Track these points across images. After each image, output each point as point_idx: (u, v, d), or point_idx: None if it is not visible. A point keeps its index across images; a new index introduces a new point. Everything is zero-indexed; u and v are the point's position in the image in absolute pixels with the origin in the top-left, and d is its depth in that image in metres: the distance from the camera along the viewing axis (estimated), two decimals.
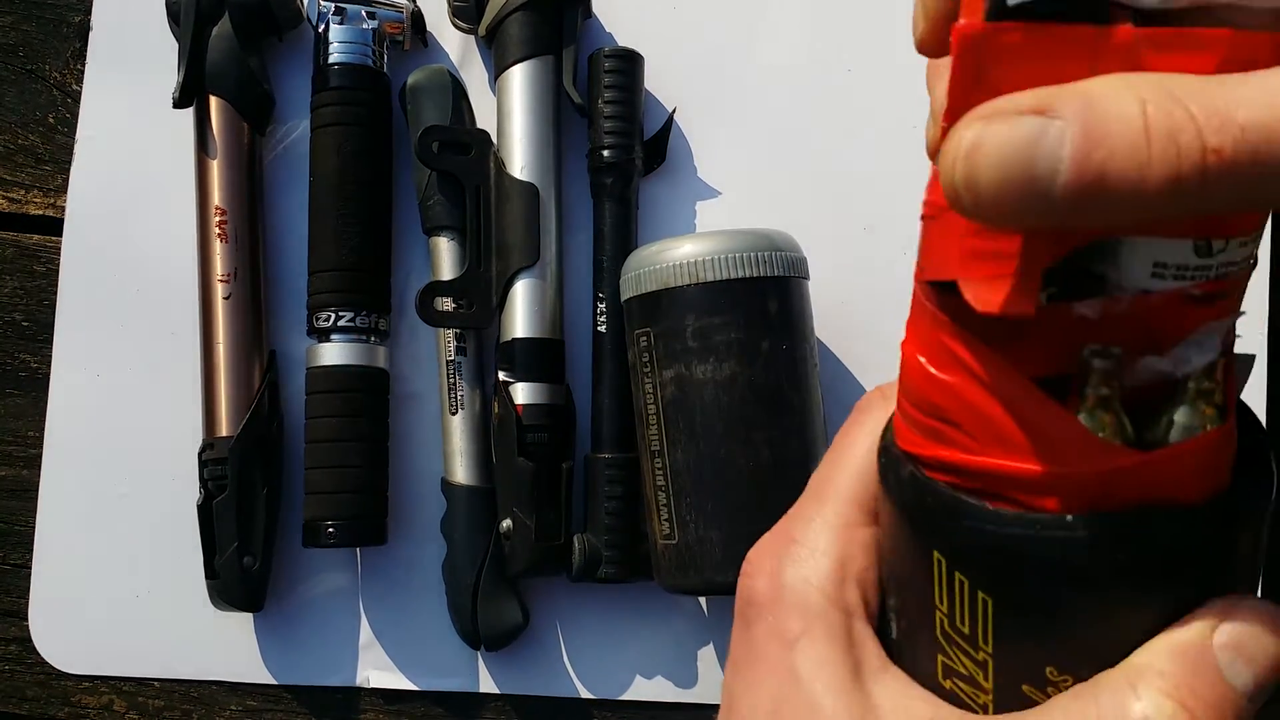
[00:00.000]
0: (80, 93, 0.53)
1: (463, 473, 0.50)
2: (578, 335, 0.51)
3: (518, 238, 0.49)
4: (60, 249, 0.53)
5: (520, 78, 0.50)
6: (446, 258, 0.50)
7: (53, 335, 0.52)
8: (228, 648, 0.51)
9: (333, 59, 0.50)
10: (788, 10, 0.53)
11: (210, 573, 0.49)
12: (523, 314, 0.49)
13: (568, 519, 0.49)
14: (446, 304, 0.49)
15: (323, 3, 0.50)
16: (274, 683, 0.51)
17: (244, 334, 0.50)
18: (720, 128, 0.53)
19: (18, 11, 0.54)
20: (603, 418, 0.49)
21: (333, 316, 0.49)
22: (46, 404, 0.52)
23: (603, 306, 0.50)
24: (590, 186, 0.51)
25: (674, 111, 0.52)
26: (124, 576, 0.51)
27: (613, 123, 0.50)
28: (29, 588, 0.51)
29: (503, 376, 0.49)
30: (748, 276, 0.44)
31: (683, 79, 0.53)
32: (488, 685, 0.51)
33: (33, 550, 0.51)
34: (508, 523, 0.48)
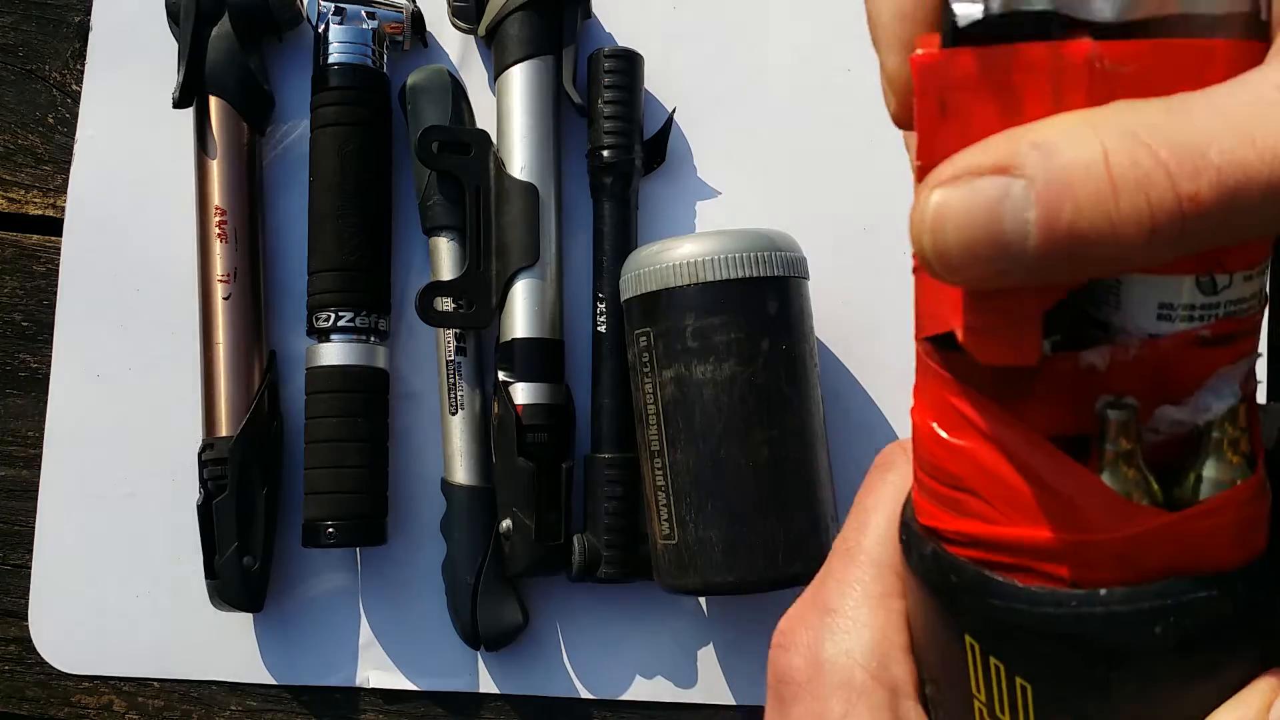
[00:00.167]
0: (80, 93, 0.53)
1: (463, 473, 0.50)
2: (578, 335, 0.51)
3: (518, 238, 0.49)
4: (60, 249, 0.53)
5: (520, 78, 0.50)
6: (446, 258, 0.50)
7: (53, 335, 0.52)
8: (228, 648, 0.51)
9: (333, 59, 0.50)
10: (788, 10, 0.53)
11: (210, 573, 0.49)
12: (523, 314, 0.49)
13: (568, 519, 0.49)
14: (446, 304, 0.49)
15: (323, 3, 0.50)
16: (274, 683, 0.51)
17: (244, 334, 0.50)
18: (720, 128, 0.53)
19: (18, 11, 0.54)
20: (602, 418, 0.49)
21: (332, 316, 0.49)
22: (46, 404, 0.52)
23: (603, 307, 0.50)
24: (590, 186, 0.51)
25: (674, 111, 0.52)
26: (124, 576, 0.51)
27: (613, 123, 0.50)
28: (29, 588, 0.51)
29: (503, 376, 0.49)
30: (747, 276, 0.44)
31: (683, 79, 0.53)
32: (488, 685, 0.51)
33: (33, 550, 0.51)
34: (508, 523, 0.48)
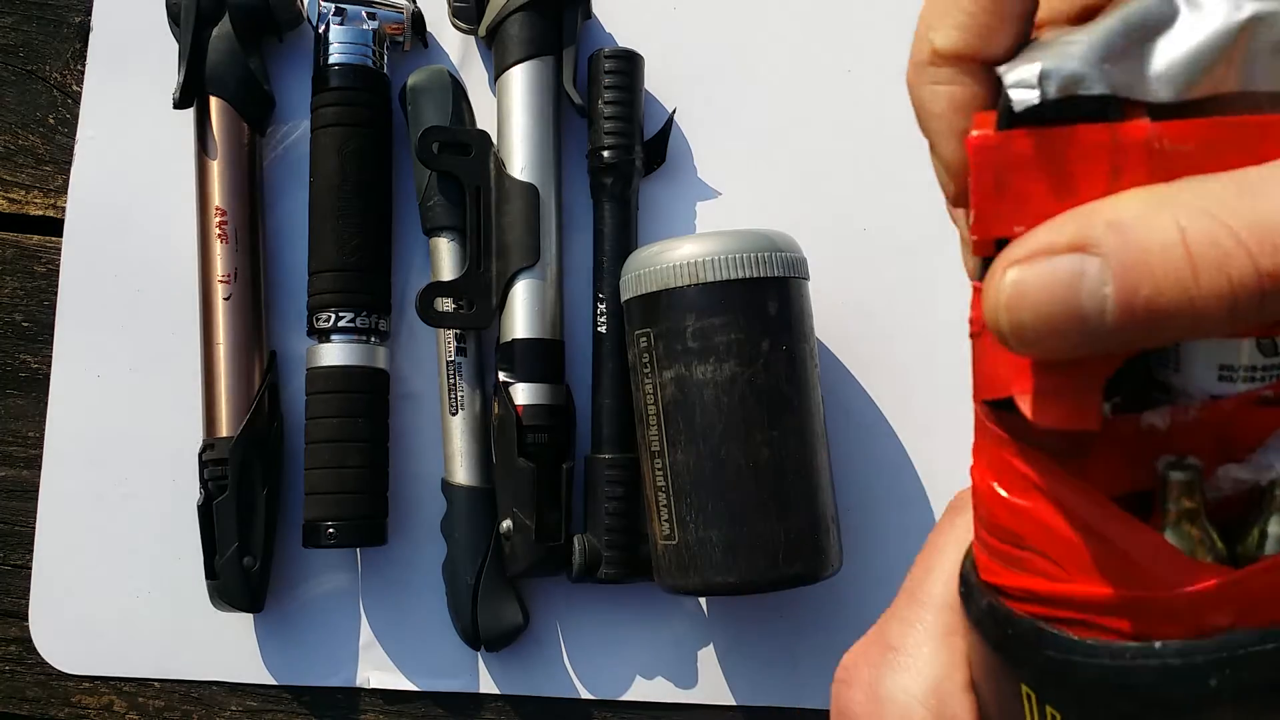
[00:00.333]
0: (80, 93, 0.53)
1: (463, 473, 0.50)
2: (578, 335, 0.51)
3: (518, 238, 0.49)
4: (60, 249, 0.53)
5: (520, 78, 0.50)
6: (446, 258, 0.50)
7: (53, 335, 0.52)
8: (228, 648, 0.51)
9: (333, 59, 0.50)
10: (787, 11, 0.53)
11: (210, 573, 0.49)
12: (523, 314, 0.49)
13: (568, 519, 0.49)
14: (446, 304, 0.49)
15: (323, 3, 0.50)
16: (274, 683, 0.51)
17: (244, 334, 0.50)
18: (720, 128, 0.53)
19: (18, 12, 0.54)
20: (603, 418, 0.49)
21: (333, 317, 0.49)
22: (46, 404, 0.52)
23: (603, 307, 0.50)
24: (590, 187, 0.51)
25: (674, 112, 0.52)
26: (124, 576, 0.51)
27: (613, 123, 0.50)
28: (29, 588, 0.51)
29: (503, 377, 0.49)
30: (748, 277, 0.44)
31: (683, 79, 0.53)
32: (488, 685, 0.51)
33: (33, 550, 0.51)
34: (508, 523, 0.48)
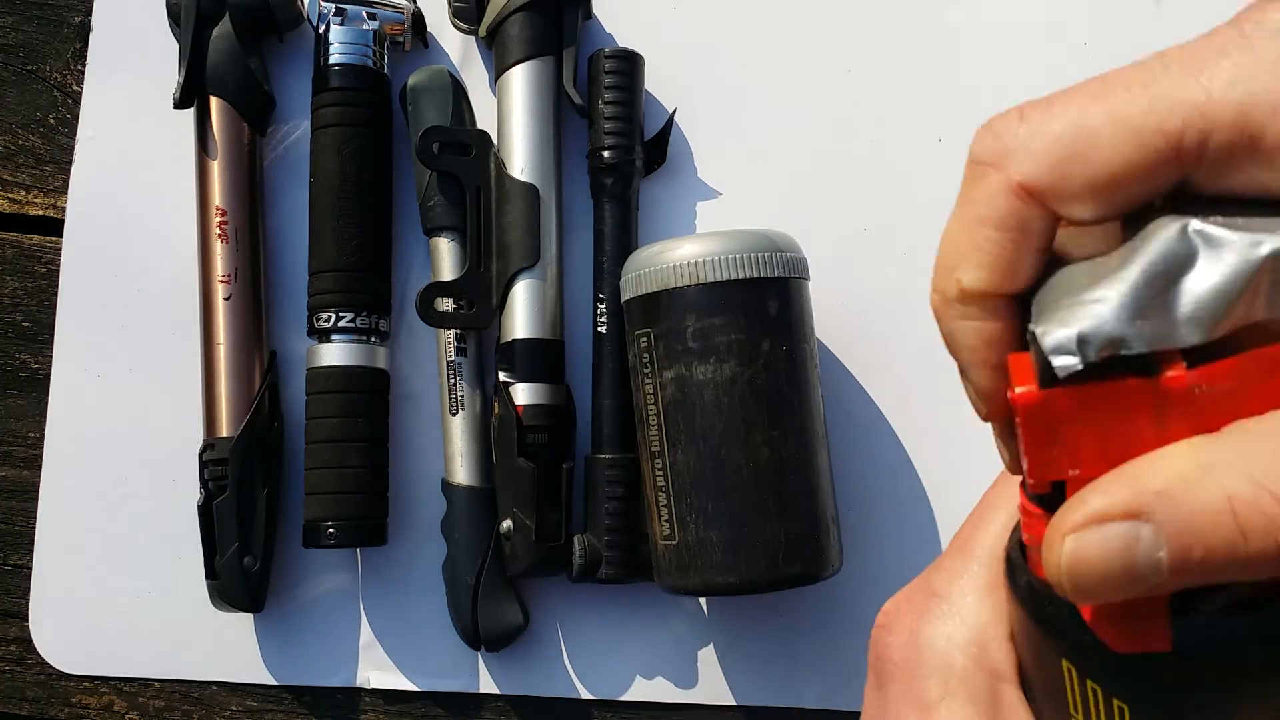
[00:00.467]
0: (80, 93, 0.53)
1: (463, 473, 0.50)
2: (578, 336, 0.51)
3: (518, 238, 0.49)
4: (60, 249, 0.53)
5: (520, 78, 0.50)
6: (446, 258, 0.50)
7: (53, 335, 0.52)
8: (228, 648, 0.51)
9: (333, 59, 0.50)
10: (787, 11, 0.53)
11: (210, 573, 0.49)
12: (523, 314, 0.49)
13: (568, 519, 0.49)
14: (446, 304, 0.49)
15: (323, 3, 0.50)
16: (274, 683, 0.51)
17: (244, 334, 0.50)
18: (720, 128, 0.53)
19: (18, 12, 0.54)
20: (603, 418, 0.49)
21: (333, 317, 0.49)
22: (46, 404, 0.52)
23: (603, 307, 0.50)
24: (590, 187, 0.51)
25: (674, 112, 0.52)
26: (124, 576, 0.51)
27: (613, 123, 0.50)
28: (29, 588, 0.51)
29: (503, 377, 0.49)
30: (748, 277, 0.44)
31: (683, 79, 0.53)
32: (488, 685, 0.51)
33: (33, 550, 0.51)
34: (508, 523, 0.48)
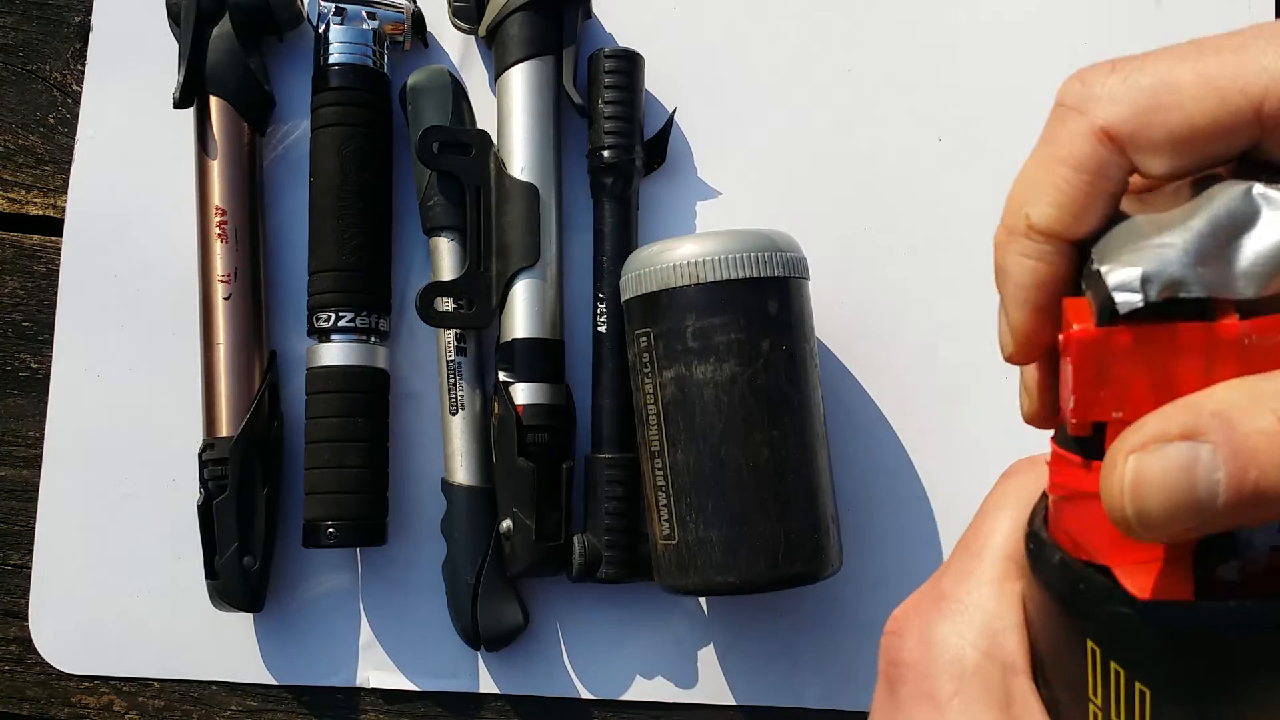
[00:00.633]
0: (80, 93, 0.53)
1: (463, 473, 0.50)
2: (578, 335, 0.51)
3: (518, 238, 0.49)
4: (60, 249, 0.53)
5: (520, 78, 0.50)
6: (446, 258, 0.50)
7: (53, 335, 0.52)
8: (228, 648, 0.51)
9: (333, 59, 0.50)
10: (787, 10, 0.53)
11: (210, 573, 0.49)
12: (523, 314, 0.49)
13: (568, 519, 0.49)
14: (446, 304, 0.49)
15: (323, 3, 0.50)
16: (274, 683, 0.51)
17: (244, 334, 0.50)
18: (720, 128, 0.53)
19: (18, 12, 0.54)
20: (603, 418, 0.49)
21: (333, 317, 0.49)
22: (46, 404, 0.52)
23: (603, 307, 0.50)
24: (590, 187, 0.51)
25: (674, 111, 0.52)
26: (124, 576, 0.51)
27: (613, 123, 0.50)
28: (29, 588, 0.51)
29: (503, 377, 0.49)
30: (748, 277, 0.44)
31: (683, 79, 0.53)
32: (488, 685, 0.51)
33: (33, 550, 0.51)
34: (508, 523, 0.48)
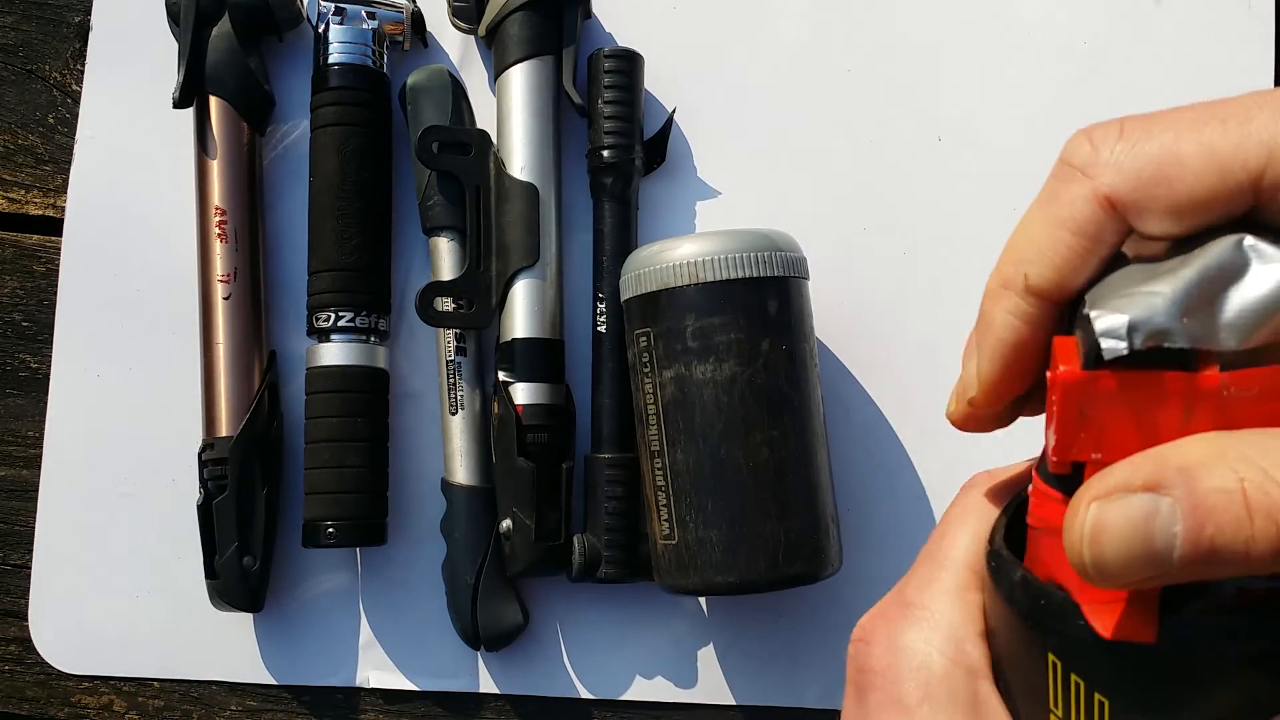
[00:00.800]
0: (80, 93, 0.53)
1: (463, 473, 0.50)
2: (578, 335, 0.51)
3: (518, 238, 0.49)
4: (60, 249, 0.53)
5: (520, 78, 0.50)
6: (446, 258, 0.50)
7: (53, 335, 0.52)
8: (228, 648, 0.51)
9: (333, 59, 0.50)
10: (787, 11, 0.53)
11: (210, 573, 0.49)
12: (522, 314, 0.49)
13: (568, 519, 0.49)
14: (446, 304, 0.49)
15: (323, 3, 0.50)
16: (274, 683, 0.51)
17: (244, 334, 0.50)
18: (720, 128, 0.53)
19: (18, 11, 0.54)
20: (603, 418, 0.49)
21: (333, 317, 0.49)
22: (46, 404, 0.52)
23: (603, 307, 0.50)
24: (590, 186, 0.51)
25: (674, 111, 0.52)
26: (124, 576, 0.51)
27: (613, 123, 0.50)
28: (29, 588, 0.51)
29: (503, 376, 0.49)
30: (748, 277, 0.44)
31: (683, 79, 0.53)
32: (488, 685, 0.51)
33: (33, 550, 0.51)
34: (508, 523, 0.48)
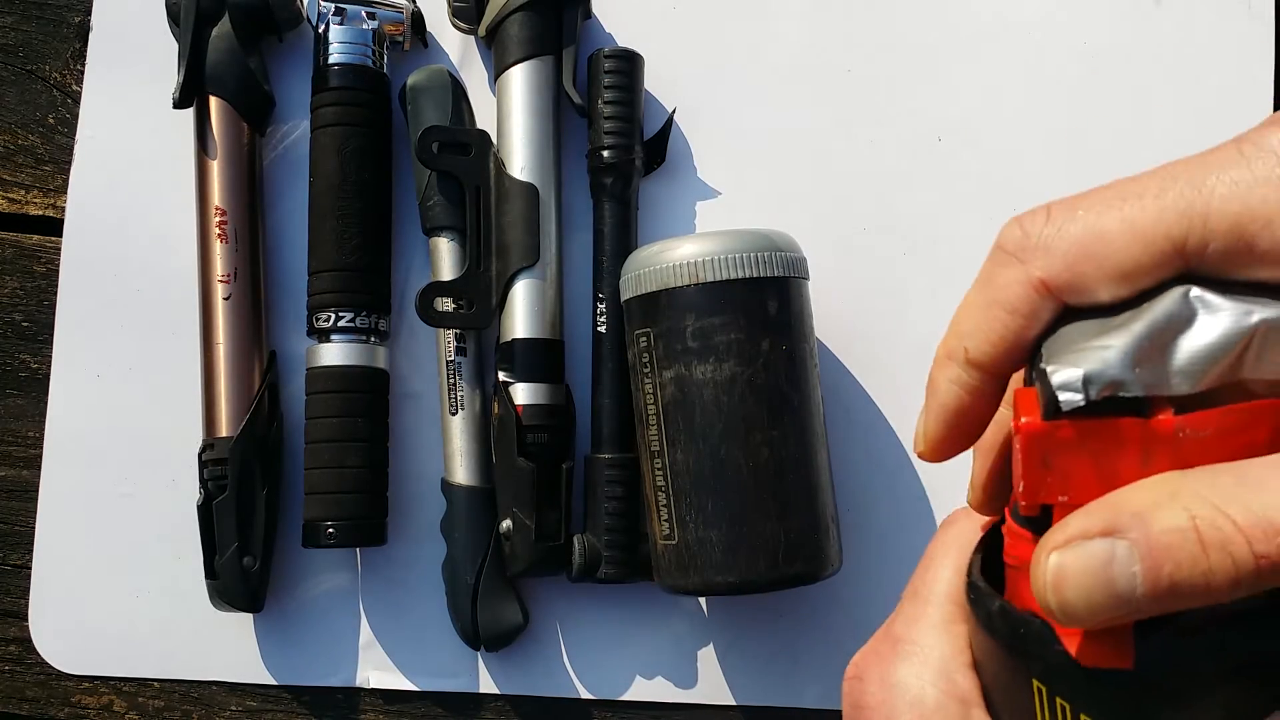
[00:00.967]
0: (80, 93, 0.53)
1: (463, 473, 0.50)
2: (578, 335, 0.51)
3: (518, 238, 0.49)
4: (60, 249, 0.53)
5: (520, 78, 0.50)
6: (446, 258, 0.50)
7: (53, 335, 0.52)
8: (228, 648, 0.51)
9: (333, 59, 0.50)
10: (787, 11, 0.53)
11: (210, 573, 0.49)
12: (523, 314, 0.49)
13: (568, 519, 0.49)
14: (446, 304, 0.49)
15: (323, 3, 0.50)
16: (274, 683, 0.51)
17: (244, 334, 0.50)
18: (720, 128, 0.53)
19: (18, 12, 0.54)
20: (603, 418, 0.49)
21: (333, 317, 0.49)
22: (46, 404, 0.52)
23: (603, 307, 0.50)
24: (590, 187, 0.51)
25: (674, 111, 0.52)
26: (124, 576, 0.51)
27: (613, 123, 0.50)
28: (29, 588, 0.51)
29: (503, 377, 0.49)
30: (748, 277, 0.44)
31: (683, 79, 0.53)
32: (488, 685, 0.51)
33: (33, 550, 0.51)
34: (508, 523, 0.48)
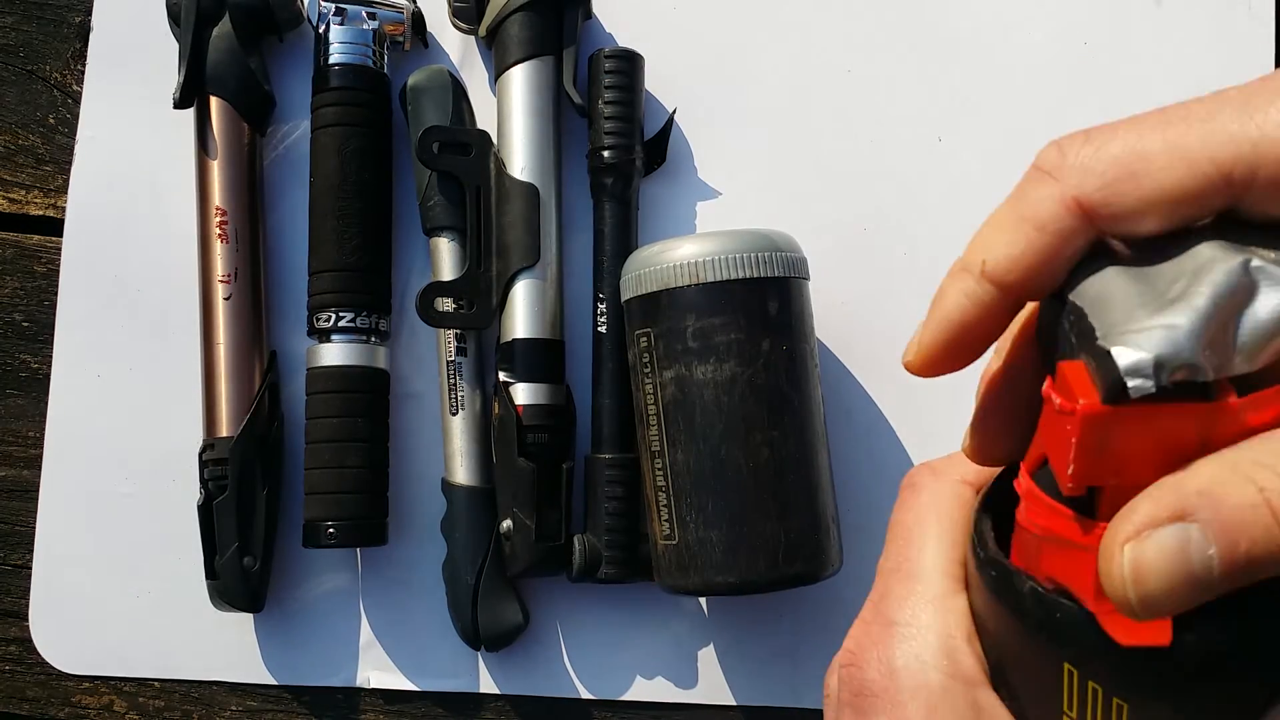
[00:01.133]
0: (80, 93, 0.53)
1: (463, 473, 0.50)
2: (578, 335, 0.51)
3: (518, 238, 0.49)
4: (60, 249, 0.53)
5: (520, 78, 0.50)
6: (447, 258, 0.50)
7: (53, 335, 0.52)
8: (228, 648, 0.51)
9: (333, 59, 0.50)
10: (787, 11, 0.53)
11: (210, 573, 0.49)
12: (523, 314, 0.49)
13: (568, 519, 0.49)
14: (446, 304, 0.49)
15: (323, 3, 0.50)
16: (274, 683, 0.51)
17: (244, 334, 0.50)
18: (720, 128, 0.53)
19: (18, 12, 0.54)
20: (603, 418, 0.49)
21: (333, 317, 0.49)
22: (46, 404, 0.52)
23: (603, 307, 0.50)
24: (590, 187, 0.51)
25: (674, 111, 0.52)
26: (124, 576, 0.51)
27: (613, 123, 0.50)
28: (29, 588, 0.51)
29: (503, 377, 0.49)
30: (748, 277, 0.44)
31: (683, 79, 0.53)
32: (488, 685, 0.51)
33: (33, 550, 0.51)
34: (508, 523, 0.48)
